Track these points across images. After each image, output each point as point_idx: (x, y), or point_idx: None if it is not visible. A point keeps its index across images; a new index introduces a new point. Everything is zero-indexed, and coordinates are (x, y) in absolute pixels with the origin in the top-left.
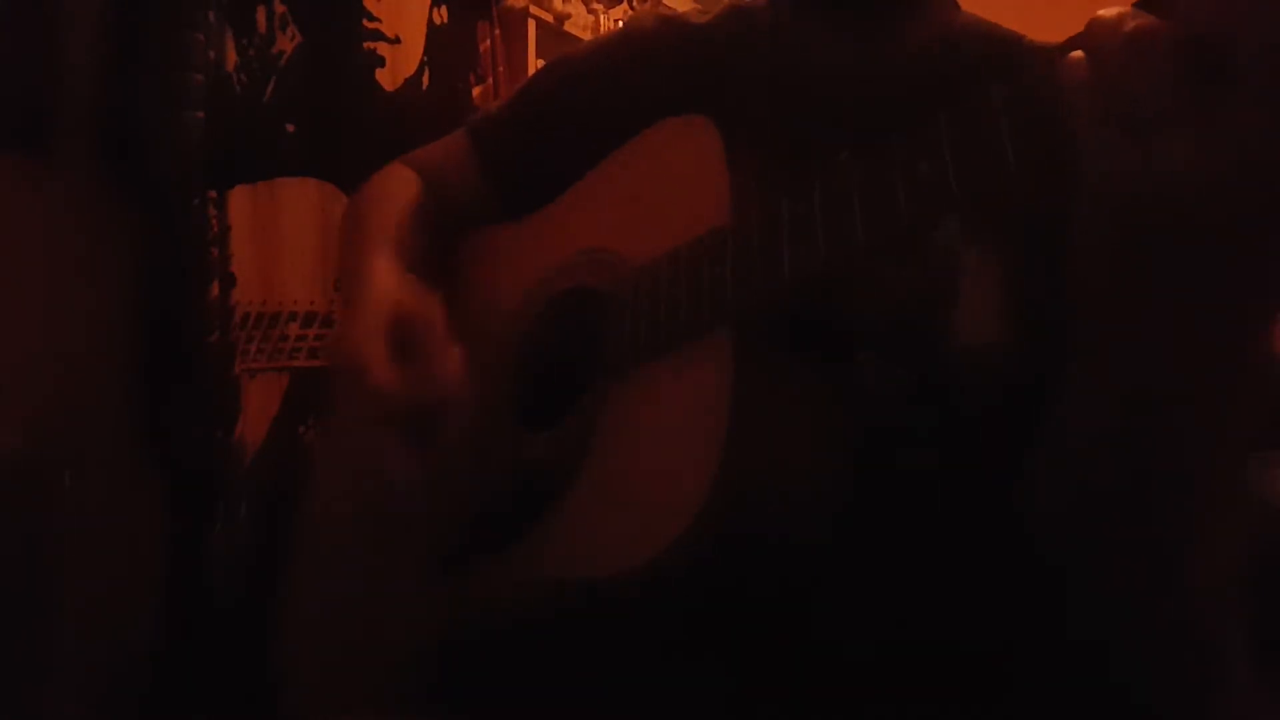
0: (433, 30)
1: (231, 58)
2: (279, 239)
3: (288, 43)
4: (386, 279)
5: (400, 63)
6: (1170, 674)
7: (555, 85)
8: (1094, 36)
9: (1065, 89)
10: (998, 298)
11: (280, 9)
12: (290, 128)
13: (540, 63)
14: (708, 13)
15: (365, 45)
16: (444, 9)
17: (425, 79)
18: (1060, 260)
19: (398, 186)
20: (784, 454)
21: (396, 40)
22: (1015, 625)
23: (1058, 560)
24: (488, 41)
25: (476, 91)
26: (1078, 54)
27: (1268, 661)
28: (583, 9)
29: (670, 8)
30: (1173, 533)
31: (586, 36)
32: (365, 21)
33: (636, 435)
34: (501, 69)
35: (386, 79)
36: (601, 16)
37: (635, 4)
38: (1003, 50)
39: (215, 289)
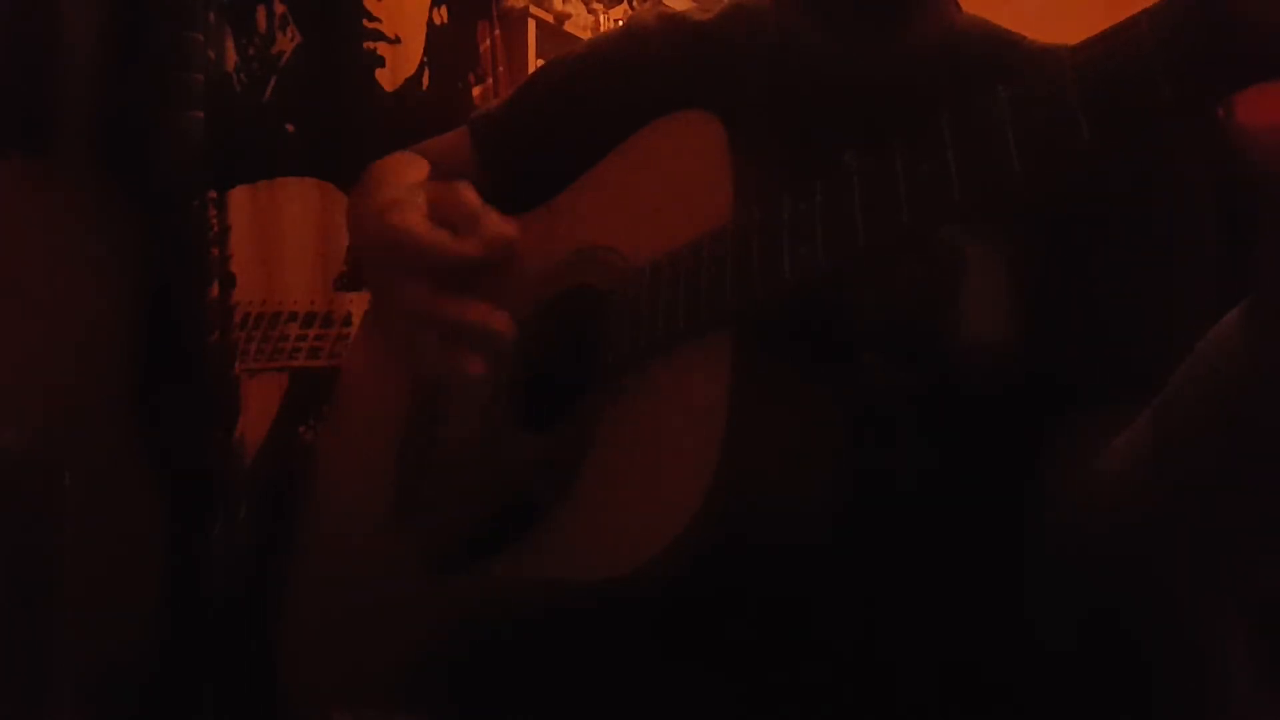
0: (433, 30)
1: (231, 58)
2: (279, 239)
3: (288, 43)
4: (411, 172)
5: (400, 63)
6: (1173, 674)
7: (556, 83)
8: None
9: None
10: (1002, 297)
11: (280, 9)
12: (290, 128)
13: (540, 63)
14: (709, 11)
15: (365, 45)
16: (444, 9)
17: (425, 79)
18: (1064, 259)
19: (408, 165)
20: (783, 455)
21: (396, 40)
22: (1017, 628)
23: (1072, 567)
24: (488, 41)
25: (476, 91)
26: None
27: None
28: (583, 9)
29: (671, 7)
30: (1234, 555)
31: (586, 36)
32: (365, 21)
33: (635, 436)
34: (501, 69)
35: (386, 79)
36: (601, 16)
37: (635, 4)
38: (1004, 51)
39: (215, 289)
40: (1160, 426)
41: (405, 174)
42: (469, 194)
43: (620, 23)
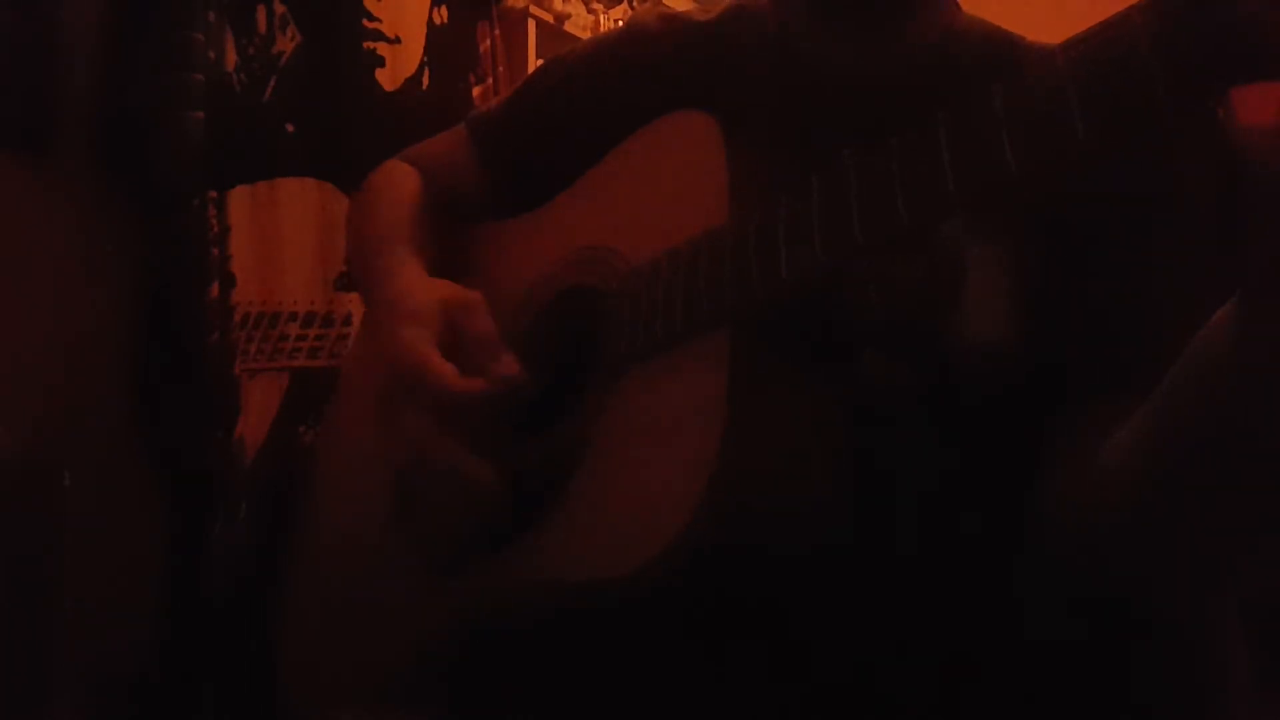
0: (433, 30)
1: (231, 58)
2: (279, 239)
3: (288, 43)
4: (419, 277)
5: (400, 63)
6: (1173, 674)
7: (555, 82)
8: None
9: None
10: (1002, 297)
11: (280, 9)
12: (290, 128)
13: (540, 63)
14: (709, 12)
15: (365, 45)
16: (444, 9)
17: (425, 79)
18: (1063, 259)
19: (399, 182)
20: (782, 455)
21: (396, 40)
22: (1017, 627)
23: (1071, 565)
24: (488, 41)
25: (476, 91)
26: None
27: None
28: (583, 9)
29: (670, 7)
30: (1234, 554)
31: (586, 36)
32: (365, 21)
33: (633, 436)
34: (501, 69)
35: (386, 79)
36: (601, 16)
37: (635, 4)
38: (1004, 50)
39: (215, 289)
40: (1155, 423)
41: (400, 197)
42: (485, 324)
43: (620, 23)
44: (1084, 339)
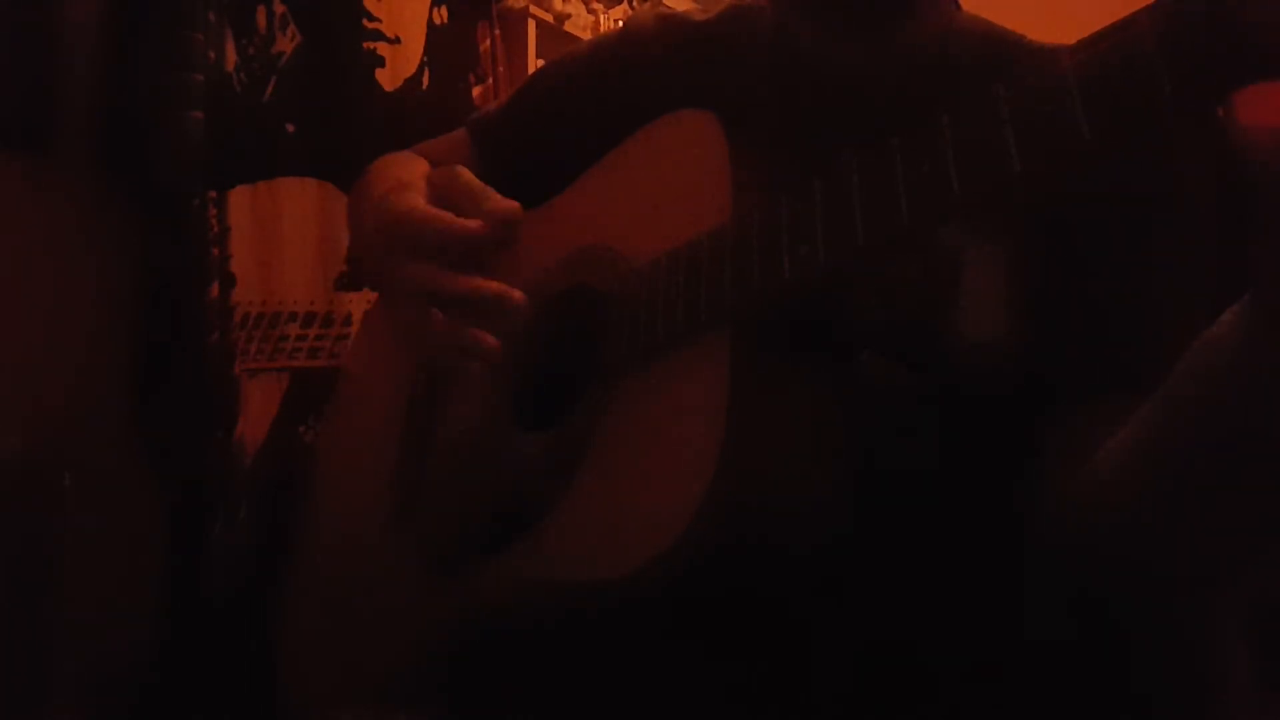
0: (433, 30)
1: (231, 58)
2: (279, 239)
3: (288, 43)
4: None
5: (400, 63)
6: (1173, 674)
7: (556, 84)
8: None
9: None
10: (1001, 297)
11: (280, 9)
12: (290, 128)
13: (540, 63)
14: (708, 12)
15: (365, 45)
16: (444, 9)
17: (425, 79)
18: (1063, 259)
19: (407, 161)
20: (782, 456)
21: (396, 40)
22: (1017, 627)
23: (1071, 565)
24: (488, 41)
25: (476, 91)
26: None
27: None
28: (583, 9)
29: (670, 7)
30: (1234, 554)
31: (586, 36)
32: (365, 21)
33: (634, 436)
34: (501, 69)
35: (386, 79)
36: (601, 16)
37: (635, 4)
38: (1004, 50)
39: (215, 289)
40: (1158, 423)
41: (405, 168)
42: (469, 175)
43: (620, 23)
44: (1083, 339)
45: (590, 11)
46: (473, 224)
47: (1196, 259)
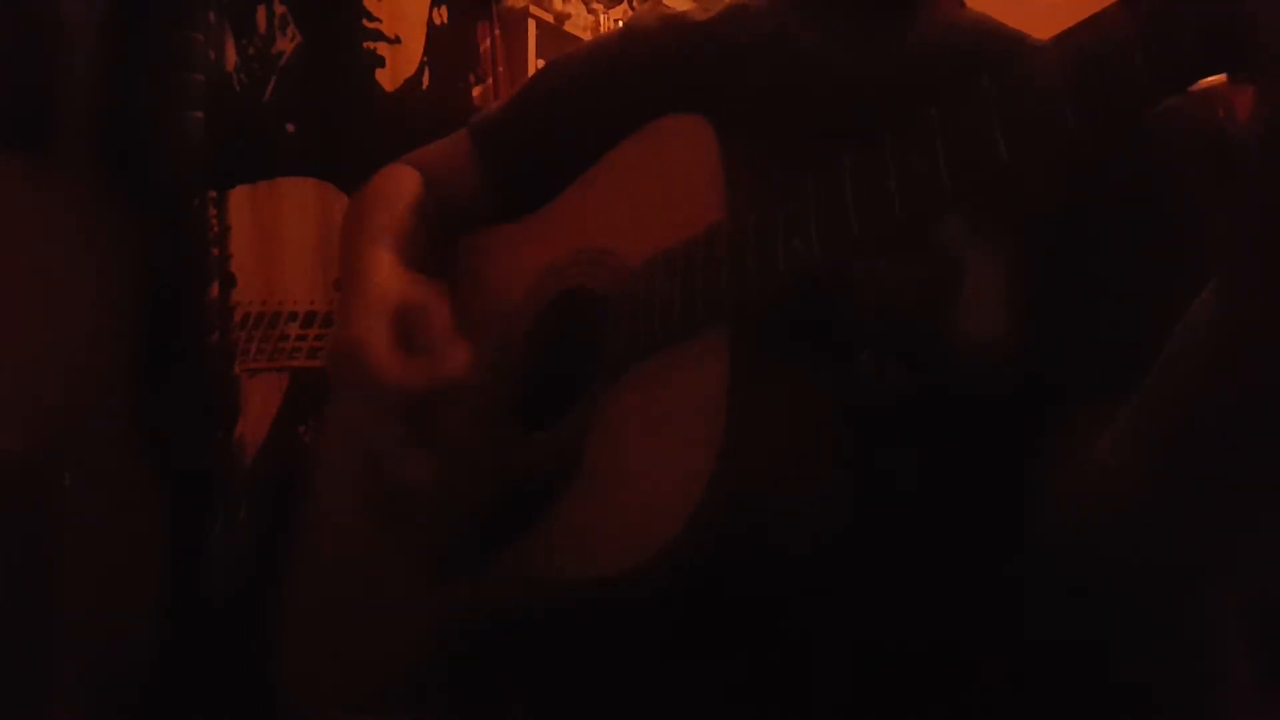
0: (433, 30)
1: (231, 58)
2: (279, 239)
3: (288, 43)
4: (389, 272)
5: (400, 63)
6: (1173, 673)
7: (556, 85)
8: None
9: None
10: (1001, 294)
11: (280, 9)
12: (290, 128)
13: (540, 63)
14: (709, 11)
15: (365, 45)
16: (444, 9)
17: (425, 79)
18: (1062, 259)
19: (398, 185)
20: (782, 454)
21: (396, 40)
22: (1017, 626)
23: (1071, 565)
24: (488, 41)
25: (476, 91)
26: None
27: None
28: (583, 9)
29: (670, 7)
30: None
31: (586, 36)
32: (365, 21)
33: (632, 436)
34: (501, 69)
35: (386, 79)
36: (601, 16)
37: (635, 4)
38: (1006, 49)
39: (215, 289)
40: (1144, 412)
41: (395, 199)
42: (441, 320)
43: (620, 23)
44: (1083, 338)
45: (590, 11)
46: (413, 381)
47: (1196, 260)
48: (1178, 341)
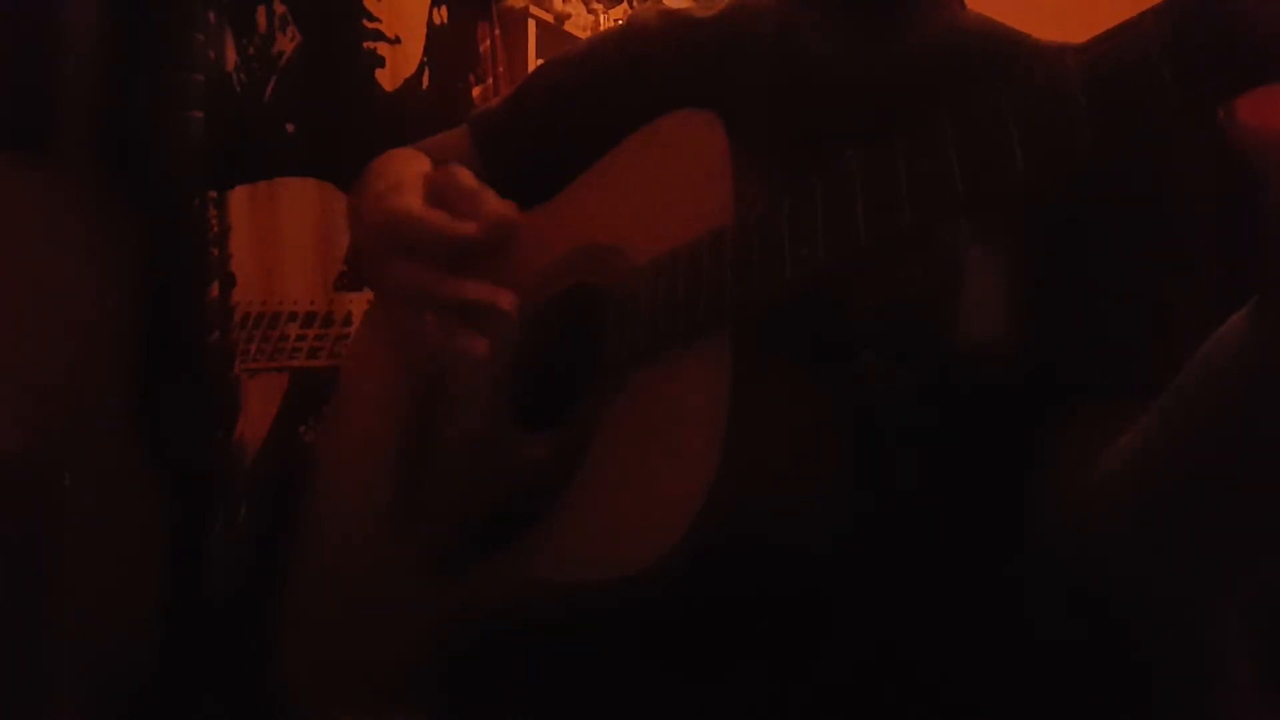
0: (433, 30)
1: (231, 58)
2: (279, 239)
3: (288, 43)
4: (412, 168)
5: (400, 63)
6: (1173, 674)
7: (557, 81)
8: None
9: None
10: (1003, 297)
11: (280, 9)
12: (290, 128)
13: (540, 63)
14: (710, 8)
15: (365, 45)
16: (444, 9)
17: (425, 79)
18: (1064, 259)
19: (408, 159)
20: (784, 455)
21: (396, 40)
22: (1018, 627)
23: (1072, 566)
24: (488, 41)
25: (476, 91)
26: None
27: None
28: (583, 9)
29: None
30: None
31: (586, 36)
32: (365, 21)
33: (635, 435)
34: (501, 69)
35: (386, 79)
36: (601, 16)
37: (635, 3)
38: (1008, 49)
39: (215, 289)
40: (1164, 425)
41: (405, 166)
42: (467, 176)
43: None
44: (1084, 339)
45: (590, 11)
46: (467, 226)
47: (1197, 260)
48: (1209, 360)
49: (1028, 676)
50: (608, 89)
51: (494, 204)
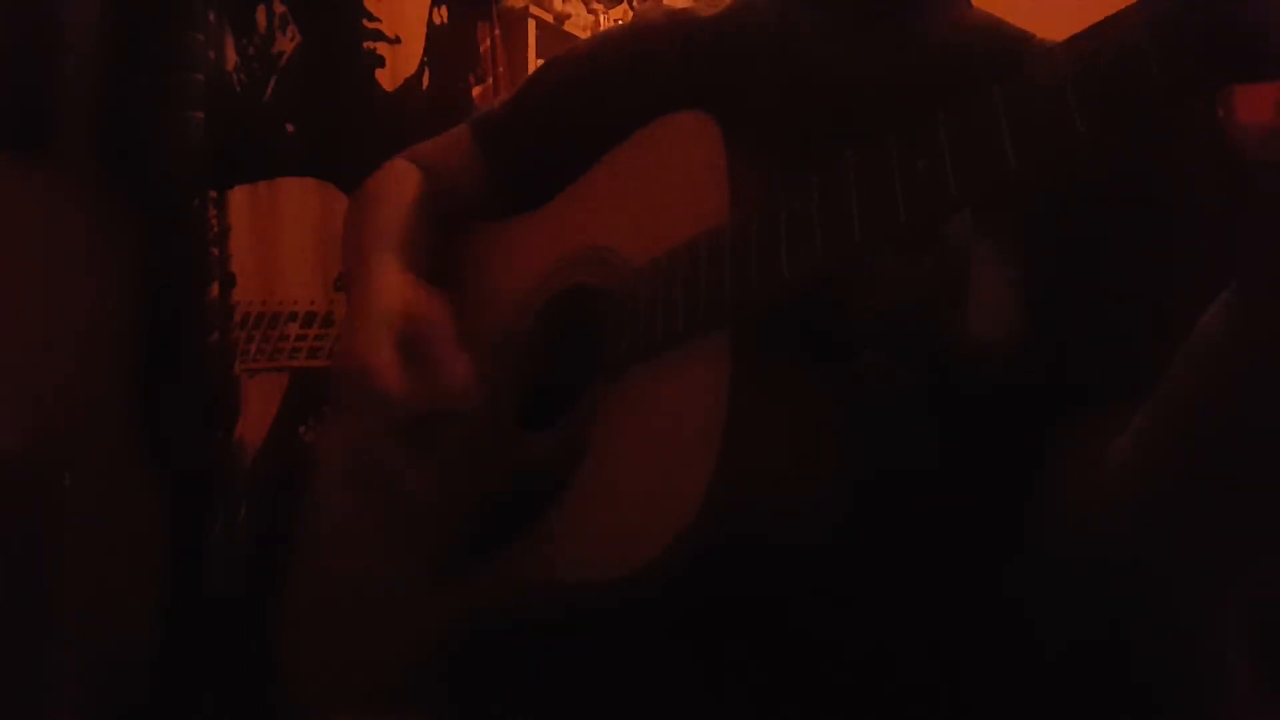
0: (433, 30)
1: (231, 58)
2: (279, 239)
3: (288, 43)
4: (393, 281)
5: (400, 63)
6: (1173, 674)
7: (559, 80)
8: None
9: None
10: (1005, 297)
11: (280, 9)
12: (290, 128)
13: (540, 63)
14: (714, 7)
15: (365, 45)
16: (444, 9)
17: (425, 79)
18: (1066, 259)
19: (400, 184)
20: (784, 455)
21: (396, 40)
22: (1018, 628)
23: (1073, 566)
24: (488, 41)
25: (476, 91)
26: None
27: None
28: (583, 9)
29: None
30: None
31: (586, 36)
32: (365, 21)
33: (635, 436)
34: (501, 69)
35: (386, 79)
36: (601, 16)
37: (635, 4)
38: (1011, 48)
39: (215, 289)
40: (1156, 418)
41: (396, 199)
42: (444, 338)
43: (620, 23)
44: (1087, 339)
45: (590, 11)
46: (418, 400)
47: (1199, 259)
48: (1194, 349)
49: (1028, 676)
50: (610, 88)
51: (453, 383)
